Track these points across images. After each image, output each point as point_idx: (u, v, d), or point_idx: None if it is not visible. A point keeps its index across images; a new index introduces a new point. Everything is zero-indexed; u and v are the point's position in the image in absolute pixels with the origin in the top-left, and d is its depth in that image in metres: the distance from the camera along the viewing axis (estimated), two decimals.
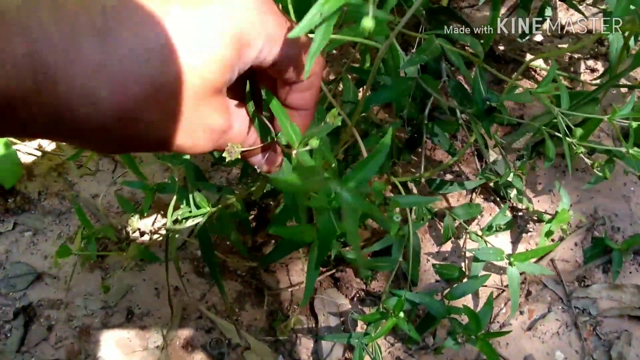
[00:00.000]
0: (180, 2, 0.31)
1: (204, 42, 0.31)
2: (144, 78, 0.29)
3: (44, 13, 0.27)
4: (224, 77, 0.33)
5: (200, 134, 0.34)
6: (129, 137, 0.31)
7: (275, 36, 0.34)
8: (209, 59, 0.31)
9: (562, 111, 0.64)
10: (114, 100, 0.29)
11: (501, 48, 1.12)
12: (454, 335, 0.79)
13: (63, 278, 0.96)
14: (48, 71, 0.27)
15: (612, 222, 1.00)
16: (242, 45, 0.33)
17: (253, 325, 0.93)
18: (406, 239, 0.90)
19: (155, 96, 0.30)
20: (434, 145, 1.04)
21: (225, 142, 0.37)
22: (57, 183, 1.02)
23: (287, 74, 0.37)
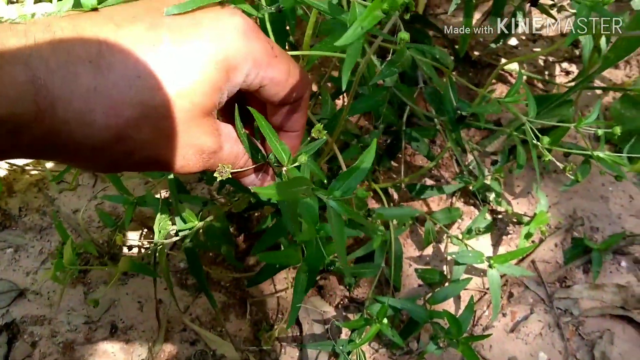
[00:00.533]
0: (170, 30, 0.33)
1: (192, 67, 0.33)
2: (136, 101, 0.31)
3: (43, 43, 0.29)
4: (212, 99, 0.35)
5: (191, 154, 0.35)
6: (122, 157, 0.33)
7: (261, 61, 0.36)
8: (198, 82, 0.33)
9: (529, 119, 0.65)
10: (109, 122, 0.31)
11: (477, 53, 1.13)
12: (436, 340, 0.79)
13: (46, 294, 0.96)
14: (47, 96, 0.29)
15: (591, 222, 1.02)
16: (230, 69, 0.35)
17: (237, 336, 0.93)
18: (388, 245, 0.91)
19: (147, 118, 0.32)
20: (414, 151, 1.05)
21: (216, 163, 0.38)
22: (38, 199, 1.02)
23: (274, 97, 0.39)
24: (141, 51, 0.31)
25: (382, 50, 1.06)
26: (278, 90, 0.38)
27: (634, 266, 0.98)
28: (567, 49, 1.14)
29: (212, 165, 0.38)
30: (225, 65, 0.34)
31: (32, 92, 0.28)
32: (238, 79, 0.36)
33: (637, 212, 1.02)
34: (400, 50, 0.71)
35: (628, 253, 0.99)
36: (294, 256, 0.57)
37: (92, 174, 1.04)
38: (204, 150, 0.36)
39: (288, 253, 0.57)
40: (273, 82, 0.38)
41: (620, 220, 1.01)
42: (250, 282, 0.76)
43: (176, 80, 0.32)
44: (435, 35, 1.10)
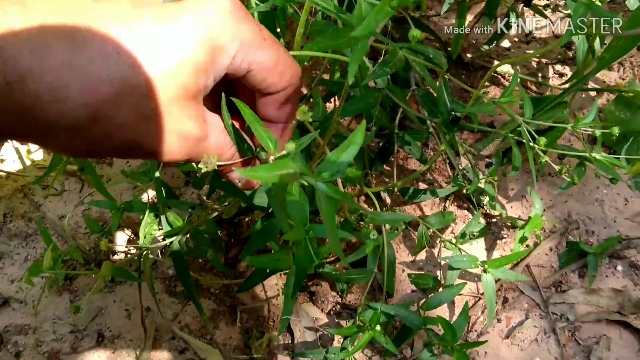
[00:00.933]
0: (153, 8, 0.31)
1: (176, 46, 0.31)
2: (114, 78, 0.29)
3: (13, 14, 0.27)
4: (197, 82, 0.33)
5: (174, 140, 0.33)
6: (100, 139, 0.31)
7: (249, 43, 0.35)
8: (181, 62, 0.31)
9: (525, 120, 0.63)
10: (84, 99, 0.29)
11: (469, 55, 1.12)
12: (430, 347, 0.78)
13: (30, 302, 0.93)
14: (17, 67, 0.27)
15: (586, 225, 1.00)
16: (215, 50, 0.33)
17: (228, 344, 0.91)
18: (381, 250, 0.89)
19: (126, 97, 0.30)
20: (406, 155, 1.04)
21: (201, 153, 0.36)
22: (23, 205, 1.00)
23: (262, 83, 0.37)
24: (122, 28, 0.30)
25: (373, 52, 1.05)
26: (266, 76, 0.36)
27: (630, 270, 0.97)
28: (560, 51, 1.13)
29: (197, 155, 0.36)
30: (211, 46, 0.32)
31: (0, 64, 0.27)
32: (224, 61, 0.34)
33: (632, 215, 1.01)
34: (393, 50, 0.70)
35: (624, 257, 0.98)
36: (284, 260, 0.55)
37: (79, 179, 1.02)
38: (188, 136, 0.34)
39: (278, 256, 0.55)
40: (261, 66, 0.36)
41: (615, 223, 1.00)
42: (240, 287, 0.75)
43: (159, 59, 0.30)
44: (428, 37, 1.09)
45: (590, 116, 0.65)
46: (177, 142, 0.33)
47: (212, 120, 0.37)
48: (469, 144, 1.04)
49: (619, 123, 1.01)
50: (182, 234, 0.78)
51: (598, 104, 1.07)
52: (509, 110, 0.63)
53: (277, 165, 0.33)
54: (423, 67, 0.74)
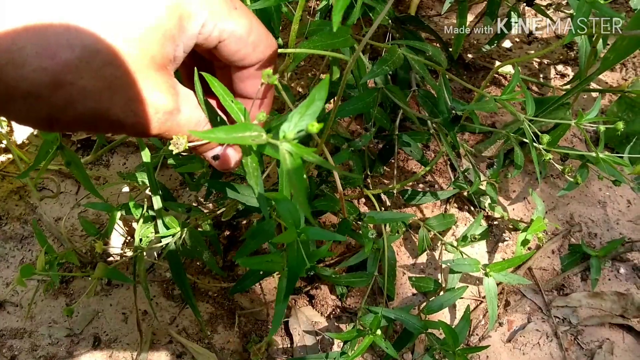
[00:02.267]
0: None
1: (141, 12, 0.30)
2: (75, 43, 0.28)
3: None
4: (164, 49, 0.31)
5: (142, 111, 0.32)
6: (63, 107, 0.29)
7: (219, 10, 0.33)
8: (147, 29, 0.30)
9: (528, 118, 0.62)
10: (43, 64, 0.28)
11: (470, 56, 1.11)
12: (432, 351, 0.76)
13: (26, 306, 0.92)
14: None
15: (589, 228, 0.99)
16: (183, 16, 0.32)
17: (226, 348, 0.90)
18: (381, 253, 0.88)
19: (88, 63, 0.29)
20: (407, 156, 1.03)
21: (173, 128, 0.34)
22: (19, 207, 0.98)
23: (235, 55, 0.36)
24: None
25: (373, 52, 1.04)
26: (240, 47, 0.35)
27: (633, 273, 0.96)
28: (562, 52, 1.12)
29: (168, 129, 0.34)
30: (178, 12, 0.31)
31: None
32: (194, 29, 0.32)
33: (635, 217, 0.99)
34: (392, 48, 0.69)
35: (627, 260, 0.96)
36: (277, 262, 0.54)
37: (75, 181, 1.00)
38: (158, 107, 0.32)
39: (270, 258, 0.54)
40: (233, 36, 0.34)
41: (618, 226, 0.99)
42: (233, 289, 0.73)
43: (122, 25, 0.29)
44: (429, 38, 1.08)
45: (594, 112, 0.64)
46: (146, 114, 0.32)
47: (185, 93, 0.35)
48: (470, 145, 1.03)
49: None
50: (177, 236, 0.77)
51: (601, 105, 1.06)
52: (511, 108, 0.62)
53: (237, 127, 0.31)
54: (423, 66, 0.73)
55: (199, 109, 0.36)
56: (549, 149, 0.64)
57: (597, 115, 0.64)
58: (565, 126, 0.67)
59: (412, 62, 0.70)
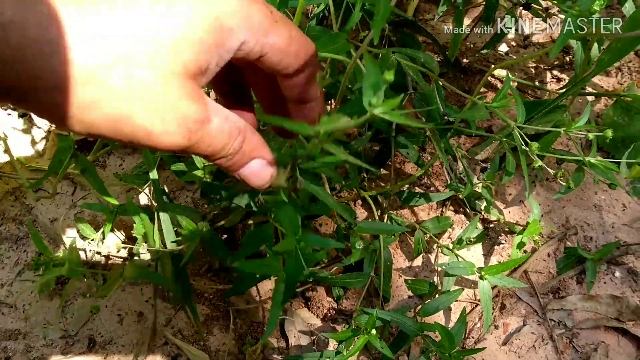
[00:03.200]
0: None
1: (178, 20, 0.30)
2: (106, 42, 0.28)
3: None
4: (198, 60, 0.31)
5: (171, 119, 0.31)
6: (87, 103, 0.29)
7: (260, 25, 0.33)
8: (183, 37, 0.30)
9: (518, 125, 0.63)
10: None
11: (467, 60, 1.11)
12: (427, 354, 0.76)
13: (21, 307, 0.92)
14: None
15: (584, 231, 0.99)
16: (223, 32, 0.32)
17: (221, 350, 0.90)
18: (377, 255, 0.88)
19: (119, 63, 0.29)
20: (404, 159, 1.03)
21: (204, 139, 0.33)
22: (14, 207, 0.98)
23: (278, 65, 0.36)
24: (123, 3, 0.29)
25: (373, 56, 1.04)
26: (281, 57, 0.35)
27: (628, 276, 0.96)
28: (558, 56, 1.13)
29: (199, 140, 0.33)
30: (216, 27, 0.31)
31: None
32: (232, 44, 0.32)
33: (630, 221, 1.00)
34: (385, 55, 0.69)
35: (622, 263, 0.97)
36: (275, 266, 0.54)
37: (71, 182, 1.00)
38: (187, 116, 0.32)
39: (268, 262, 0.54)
40: (274, 48, 0.34)
41: (613, 229, 0.99)
42: (230, 291, 0.73)
43: (158, 31, 0.29)
44: (426, 41, 1.08)
45: (584, 119, 0.64)
46: (175, 123, 0.31)
47: (213, 104, 0.35)
48: (467, 149, 1.03)
49: (618, 128, 1.00)
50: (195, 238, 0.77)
51: (596, 109, 1.07)
52: (502, 115, 0.62)
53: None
54: (417, 72, 0.74)
55: (230, 120, 0.35)
56: (541, 154, 0.64)
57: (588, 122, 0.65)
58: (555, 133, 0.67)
59: (406, 69, 0.70)
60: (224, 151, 0.35)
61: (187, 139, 0.32)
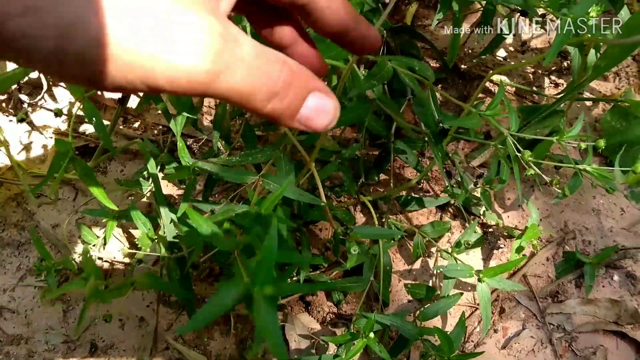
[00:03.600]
0: None
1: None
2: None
3: None
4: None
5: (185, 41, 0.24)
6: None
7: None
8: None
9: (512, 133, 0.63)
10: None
11: (465, 66, 1.12)
12: (427, 357, 0.77)
13: (23, 312, 0.92)
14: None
15: (583, 235, 1.00)
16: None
17: (223, 355, 0.91)
18: (377, 259, 0.88)
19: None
20: (403, 164, 1.03)
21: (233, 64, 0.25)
22: (16, 213, 0.99)
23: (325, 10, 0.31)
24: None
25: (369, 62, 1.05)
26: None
27: (627, 280, 0.96)
28: (555, 61, 1.13)
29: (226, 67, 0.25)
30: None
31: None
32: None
33: (628, 225, 1.00)
34: (381, 62, 0.70)
35: (620, 267, 0.97)
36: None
37: (73, 187, 1.01)
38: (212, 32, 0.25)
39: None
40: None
41: (612, 233, 1.00)
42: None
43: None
44: (424, 47, 1.09)
45: (576, 129, 0.65)
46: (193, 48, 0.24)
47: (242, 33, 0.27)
48: (465, 154, 1.04)
49: (615, 133, 1.01)
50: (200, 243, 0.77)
51: (594, 114, 1.08)
52: (495, 123, 0.63)
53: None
54: (412, 79, 0.74)
55: (266, 49, 0.27)
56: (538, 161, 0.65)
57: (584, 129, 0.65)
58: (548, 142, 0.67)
59: (402, 76, 0.71)
60: (269, 83, 0.27)
61: (211, 61, 0.25)
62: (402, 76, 0.76)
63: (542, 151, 0.71)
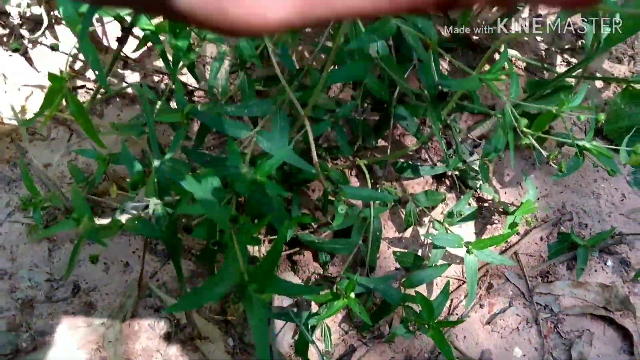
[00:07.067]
0: None
1: None
2: None
3: None
4: None
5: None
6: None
7: None
8: None
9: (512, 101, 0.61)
10: None
11: (477, 37, 1.09)
12: (406, 323, 0.76)
13: (9, 248, 0.92)
14: None
15: (580, 218, 0.98)
16: None
17: (205, 307, 0.90)
18: (367, 223, 0.87)
19: None
20: (404, 131, 1.01)
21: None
22: (9, 149, 0.98)
23: None
24: None
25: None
26: None
27: (620, 266, 0.95)
28: (570, 39, 1.10)
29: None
30: None
31: None
32: None
33: (628, 211, 0.98)
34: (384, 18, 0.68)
35: (615, 252, 0.95)
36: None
37: (68, 128, 1.00)
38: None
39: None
40: None
41: (610, 218, 0.98)
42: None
43: None
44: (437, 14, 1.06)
45: (577, 100, 0.62)
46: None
47: None
48: (468, 125, 1.02)
49: (624, 116, 0.98)
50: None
51: (605, 96, 1.05)
52: (495, 88, 0.61)
53: None
54: (415, 38, 0.72)
55: None
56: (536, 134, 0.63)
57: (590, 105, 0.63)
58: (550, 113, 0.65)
59: (405, 34, 0.68)
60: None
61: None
62: (405, 34, 0.74)
63: (542, 123, 0.69)
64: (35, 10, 1.01)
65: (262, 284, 0.48)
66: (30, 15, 1.02)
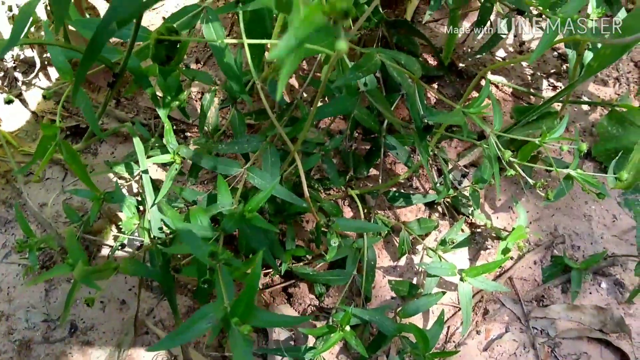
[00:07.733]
0: None
1: None
2: None
3: None
4: None
5: None
6: None
7: None
8: None
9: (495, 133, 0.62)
10: None
11: (463, 64, 1.11)
12: (402, 354, 0.76)
13: (5, 289, 0.92)
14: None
15: (572, 240, 0.99)
16: None
17: (202, 342, 0.90)
18: (361, 253, 0.88)
19: None
20: (394, 160, 1.03)
21: None
22: (5, 190, 0.99)
23: None
24: None
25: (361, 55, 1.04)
26: None
27: (615, 288, 0.95)
28: (555, 64, 1.12)
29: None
30: None
31: None
32: None
33: (620, 232, 0.99)
34: (369, 54, 0.69)
35: (609, 274, 0.96)
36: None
37: (62, 168, 1.01)
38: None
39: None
40: None
41: (602, 240, 0.99)
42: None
43: None
44: (424, 44, 1.08)
45: (559, 131, 0.64)
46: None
47: None
48: (457, 152, 1.03)
49: (611, 138, 0.99)
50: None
51: (592, 118, 1.06)
52: (478, 121, 0.62)
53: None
54: (401, 73, 0.73)
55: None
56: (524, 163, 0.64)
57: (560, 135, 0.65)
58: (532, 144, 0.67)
59: (390, 69, 0.70)
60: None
61: None
62: (389, 69, 0.76)
63: (527, 152, 0.70)
64: (28, 53, 1.02)
65: (243, 317, 0.49)
66: (23, 58, 1.04)
